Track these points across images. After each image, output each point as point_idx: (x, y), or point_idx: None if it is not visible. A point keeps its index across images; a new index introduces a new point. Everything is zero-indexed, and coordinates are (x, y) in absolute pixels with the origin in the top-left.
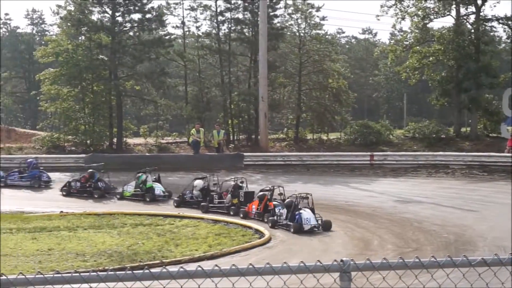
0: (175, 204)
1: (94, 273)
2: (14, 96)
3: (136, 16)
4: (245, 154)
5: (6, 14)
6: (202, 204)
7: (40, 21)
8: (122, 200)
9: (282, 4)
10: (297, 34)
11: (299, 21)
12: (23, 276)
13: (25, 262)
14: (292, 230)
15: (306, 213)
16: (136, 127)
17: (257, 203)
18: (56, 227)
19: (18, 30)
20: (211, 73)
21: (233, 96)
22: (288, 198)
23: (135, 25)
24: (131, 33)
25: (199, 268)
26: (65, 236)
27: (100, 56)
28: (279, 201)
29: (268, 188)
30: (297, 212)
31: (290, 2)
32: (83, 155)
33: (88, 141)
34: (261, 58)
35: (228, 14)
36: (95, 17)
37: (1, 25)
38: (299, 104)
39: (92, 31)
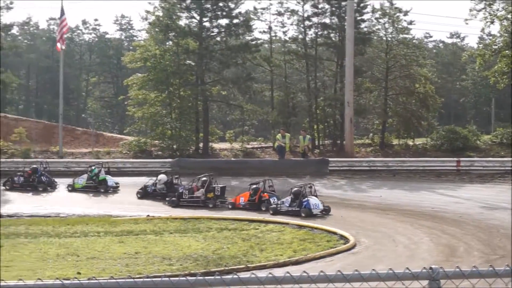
0: (139, 196)
1: (184, 278)
2: (102, 101)
3: (224, 22)
4: (330, 159)
5: (96, 20)
6: (171, 199)
7: (129, 27)
8: (73, 192)
9: (369, 8)
10: (384, 38)
11: (386, 25)
12: (114, 280)
13: (112, 265)
14: (303, 214)
15: (313, 200)
16: (222, 132)
17: (248, 195)
18: (142, 230)
19: (107, 36)
20: (297, 78)
21: (319, 101)
22: (294, 188)
23: (223, 30)
24: (218, 38)
25: (287, 274)
26: (152, 240)
27: (187, 61)
28: (271, 191)
29: (259, 181)
30: (305, 199)
31: (377, 7)
32: (170, 160)
33: (175, 146)
34: (347, 63)
35: (315, 19)
36: (183, 22)
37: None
38: (385, 109)
39: (180, 37)
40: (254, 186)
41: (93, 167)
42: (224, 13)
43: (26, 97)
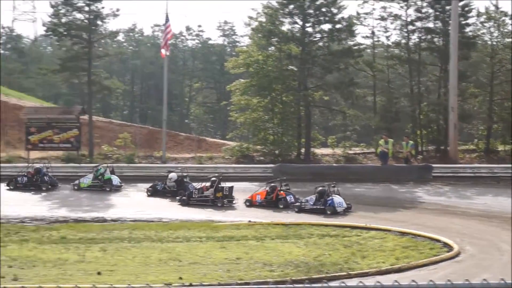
0: (148, 194)
1: (290, 285)
2: (205, 107)
3: (326, 27)
4: (433, 165)
5: (199, 26)
6: (181, 198)
7: (232, 33)
8: (79, 191)
9: (474, 12)
10: (489, 42)
11: (492, 29)
12: (220, 286)
13: (213, 270)
14: (328, 212)
15: (337, 199)
16: (324, 137)
17: (264, 193)
18: (244, 236)
19: (210, 42)
20: (400, 83)
21: (422, 107)
22: (318, 187)
23: (325, 35)
24: (320, 44)
25: (396, 283)
26: (253, 246)
27: (290, 66)
28: (287, 190)
29: (275, 180)
30: (329, 198)
31: (482, 10)
32: (271, 165)
33: (277, 151)
34: (451, 68)
35: (418, 23)
36: (285, 28)
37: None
38: (490, 114)
39: (283, 42)
40: (272, 184)
41: (99, 167)
42: (327, 18)
43: (130, 103)
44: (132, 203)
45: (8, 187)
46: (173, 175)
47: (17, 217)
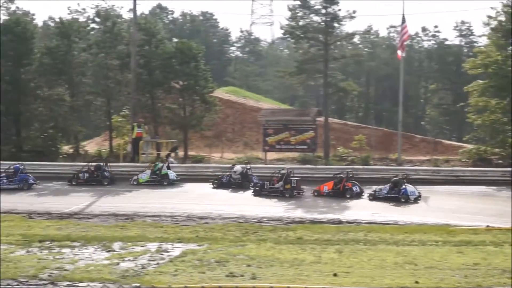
0: (215, 186)
1: None
2: (441, 108)
3: None
4: None
5: (435, 27)
6: (255, 189)
7: (469, 33)
8: (138, 185)
9: None
10: None
11: None
12: None
13: (450, 275)
14: (402, 200)
15: (410, 188)
16: None
17: (332, 184)
18: (481, 241)
19: (446, 42)
20: None
21: None
22: (393, 177)
23: None
24: None
25: None
26: (491, 251)
27: None
28: (353, 181)
29: (343, 173)
30: (403, 187)
31: None
32: (510, 169)
33: None
34: None
35: None
36: None
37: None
38: None
39: None
40: (339, 176)
41: (156, 163)
42: None
43: (365, 104)
44: (367, 205)
45: (69, 183)
46: (238, 168)
47: (255, 217)
